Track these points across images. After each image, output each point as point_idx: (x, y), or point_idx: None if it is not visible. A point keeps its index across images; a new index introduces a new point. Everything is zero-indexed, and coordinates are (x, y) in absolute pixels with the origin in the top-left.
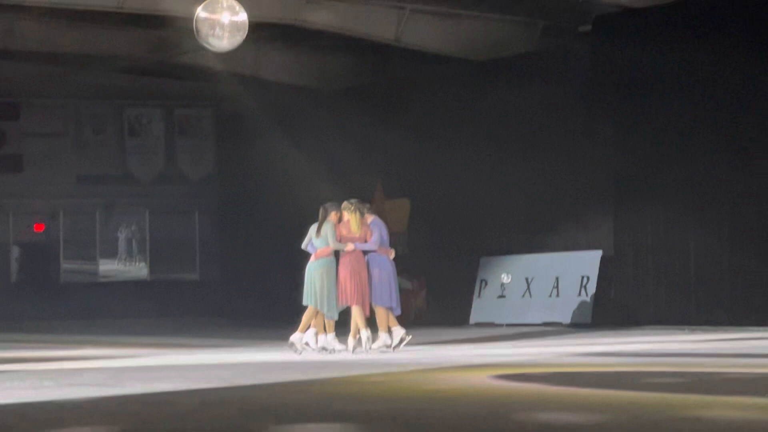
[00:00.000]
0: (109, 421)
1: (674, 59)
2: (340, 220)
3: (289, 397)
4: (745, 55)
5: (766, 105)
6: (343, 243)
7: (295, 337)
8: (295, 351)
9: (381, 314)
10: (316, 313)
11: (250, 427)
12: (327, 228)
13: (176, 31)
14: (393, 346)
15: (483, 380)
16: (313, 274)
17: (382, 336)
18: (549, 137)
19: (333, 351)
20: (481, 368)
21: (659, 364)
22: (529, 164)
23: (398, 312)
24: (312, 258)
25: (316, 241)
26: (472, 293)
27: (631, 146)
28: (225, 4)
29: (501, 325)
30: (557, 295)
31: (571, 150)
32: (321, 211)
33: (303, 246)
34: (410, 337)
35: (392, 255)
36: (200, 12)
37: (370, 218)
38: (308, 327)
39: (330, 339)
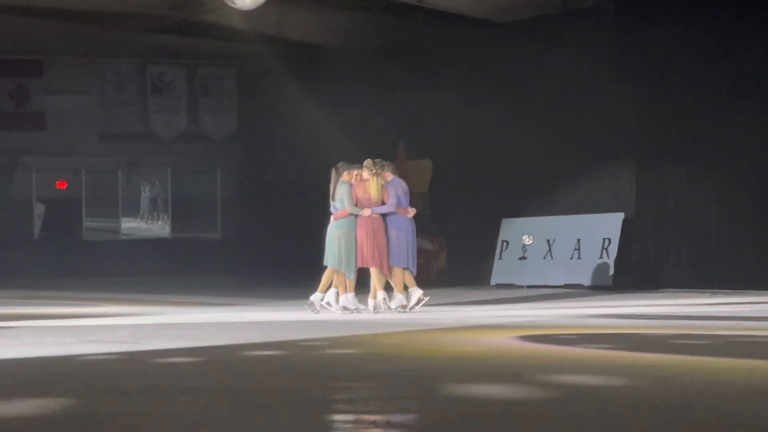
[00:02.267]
0: (129, 376)
1: (697, 21)
2: (359, 178)
3: (310, 357)
4: None
5: None
6: (359, 207)
7: (315, 297)
8: (314, 310)
9: (397, 275)
10: (335, 273)
11: (265, 384)
12: (343, 190)
13: None
14: (410, 306)
15: (506, 341)
16: (333, 234)
17: (399, 296)
18: (571, 99)
19: (355, 311)
20: (503, 329)
21: (679, 326)
22: (552, 126)
23: (414, 272)
24: (332, 219)
25: (335, 202)
26: (493, 254)
27: (653, 108)
28: None
29: (522, 287)
30: (578, 257)
31: (593, 112)
32: (333, 172)
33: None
34: (428, 297)
35: (411, 214)
36: None
37: (390, 177)
38: (328, 287)
39: (350, 298)
